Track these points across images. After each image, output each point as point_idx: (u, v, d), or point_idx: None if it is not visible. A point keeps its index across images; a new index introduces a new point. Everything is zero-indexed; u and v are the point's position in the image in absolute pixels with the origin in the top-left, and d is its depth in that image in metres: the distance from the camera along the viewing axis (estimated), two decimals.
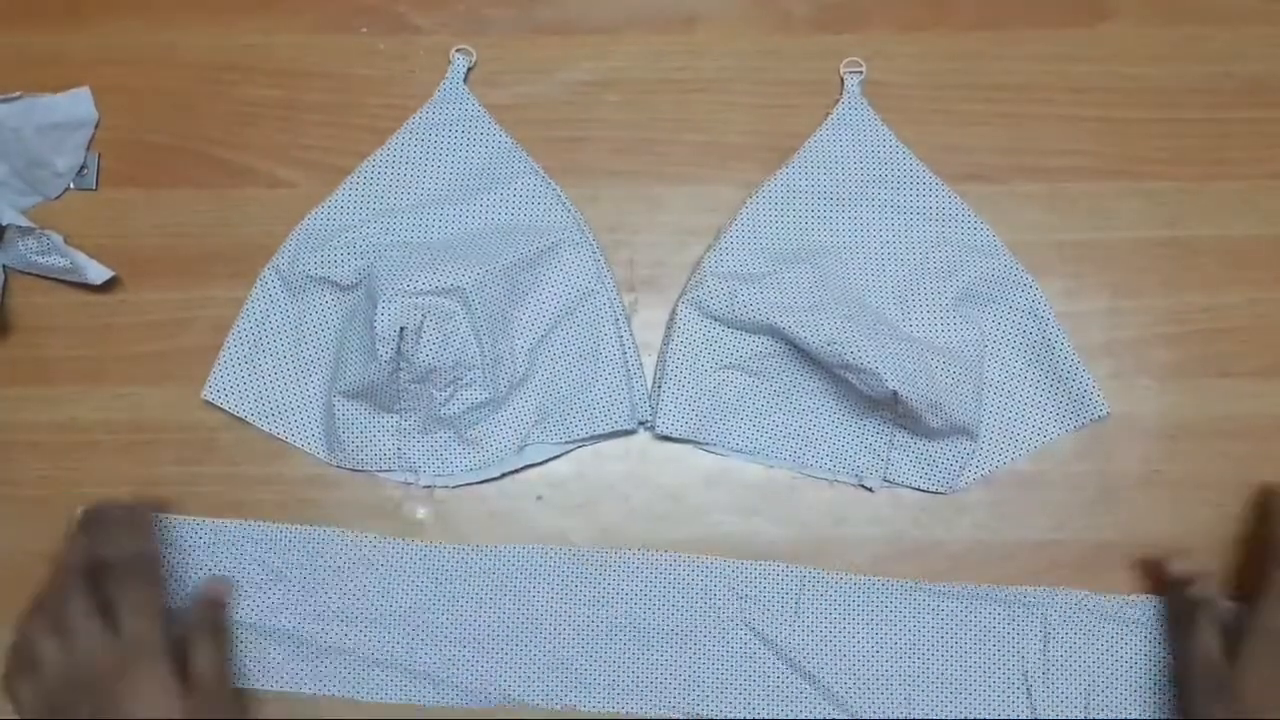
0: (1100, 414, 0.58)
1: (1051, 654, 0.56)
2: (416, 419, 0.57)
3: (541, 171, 0.60)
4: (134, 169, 0.62)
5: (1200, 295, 0.60)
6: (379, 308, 0.54)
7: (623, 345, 0.58)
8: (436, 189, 0.60)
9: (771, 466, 0.58)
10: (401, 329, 0.54)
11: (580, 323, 0.58)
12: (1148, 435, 0.59)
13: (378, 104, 0.62)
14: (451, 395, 0.56)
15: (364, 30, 0.63)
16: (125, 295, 0.60)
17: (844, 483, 0.58)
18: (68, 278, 0.59)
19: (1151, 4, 0.64)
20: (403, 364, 0.54)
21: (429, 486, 0.58)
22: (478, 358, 0.55)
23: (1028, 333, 0.59)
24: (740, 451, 0.58)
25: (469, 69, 0.62)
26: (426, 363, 0.54)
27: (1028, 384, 0.59)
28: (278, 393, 0.58)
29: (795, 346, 0.57)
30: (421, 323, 0.54)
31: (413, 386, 0.55)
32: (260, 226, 0.60)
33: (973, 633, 0.56)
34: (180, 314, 0.60)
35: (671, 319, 0.59)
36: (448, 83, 0.61)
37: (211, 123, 0.62)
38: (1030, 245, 0.60)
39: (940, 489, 0.58)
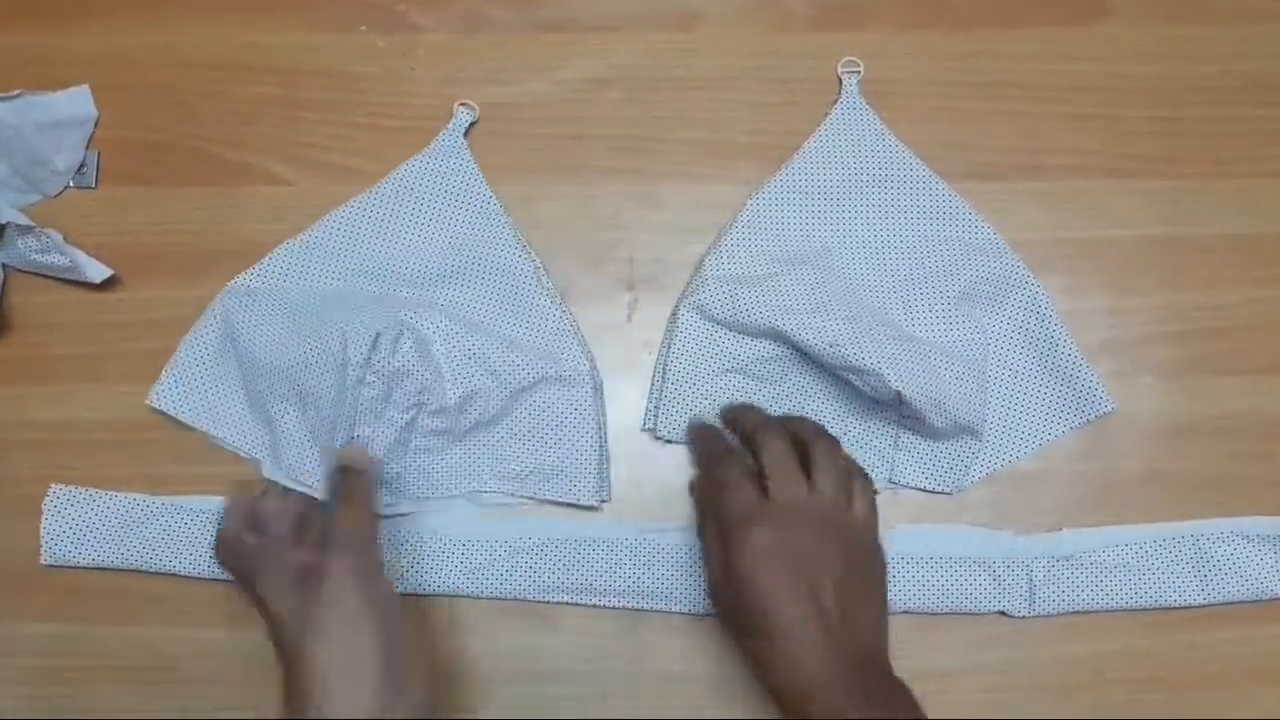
0: (1106, 409, 0.58)
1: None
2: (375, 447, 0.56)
3: (525, 244, 0.59)
4: (133, 167, 0.62)
5: (1201, 293, 0.60)
6: (358, 312, 0.54)
7: (598, 424, 0.57)
8: (416, 242, 0.59)
9: None
10: (377, 334, 0.53)
11: (558, 390, 0.57)
12: (1149, 434, 0.59)
13: (377, 102, 0.62)
14: (412, 420, 0.55)
15: (363, 28, 0.63)
16: (125, 293, 0.60)
17: None
18: (67, 276, 0.59)
19: (1151, 2, 0.64)
20: (369, 376, 0.54)
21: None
22: (447, 389, 0.55)
23: (1030, 331, 0.59)
24: None
25: (471, 124, 0.61)
26: (398, 369, 0.54)
27: (1032, 382, 0.59)
28: (231, 403, 0.58)
29: (798, 349, 0.56)
30: (399, 334, 0.54)
31: (373, 404, 0.54)
32: (259, 224, 0.60)
33: None
34: (179, 312, 0.59)
35: (672, 322, 0.59)
36: (446, 135, 0.60)
37: (211, 121, 0.62)
38: (1030, 243, 0.60)
39: (946, 489, 0.58)
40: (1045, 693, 0.56)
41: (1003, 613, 0.56)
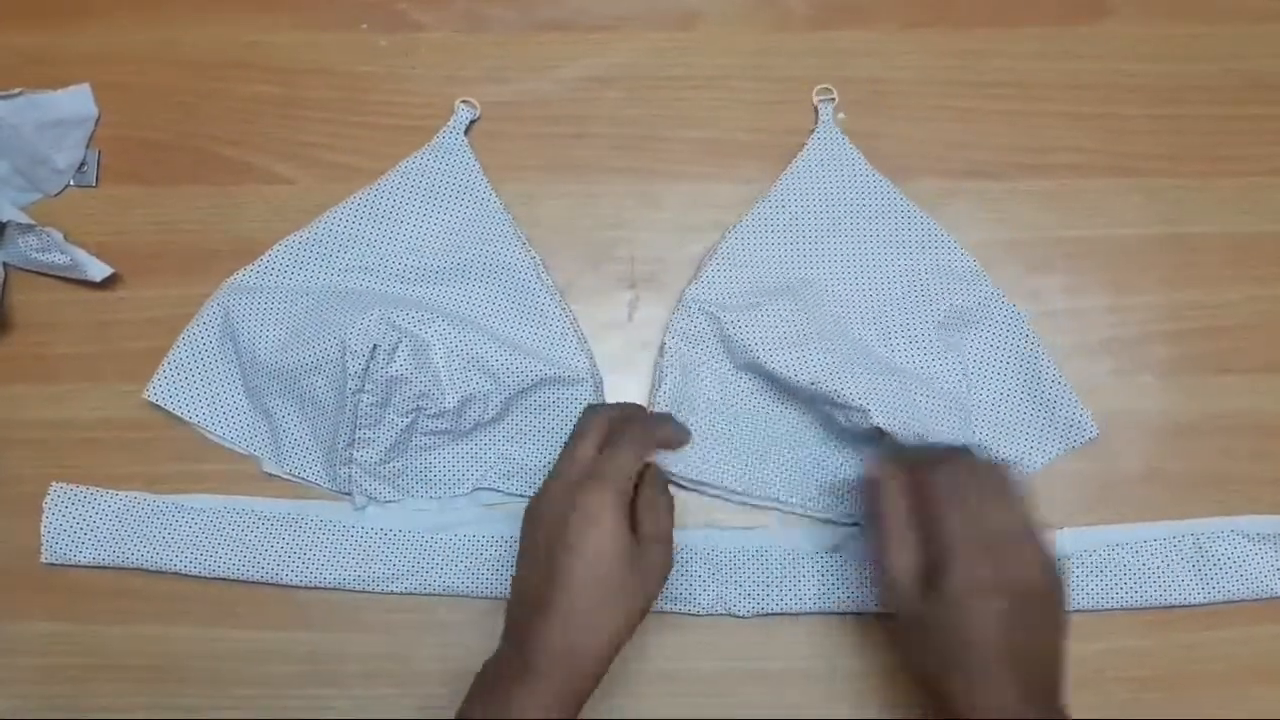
0: (1090, 435, 0.58)
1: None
2: (373, 453, 0.56)
3: (525, 242, 0.59)
4: (134, 166, 0.62)
5: (1201, 292, 0.60)
6: (357, 314, 0.54)
7: None
8: (416, 238, 0.59)
9: (761, 506, 0.58)
10: (375, 346, 0.53)
11: (559, 389, 0.57)
12: (1149, 432, 0.59)
13: (378, 101, 0.62)
14: (412, 422, 0.55)
15: (364, 27, 0.63)
16: (125, 292, 0.60)
17: (838, 523, 0.57)
18: (68, 274, 0.59)
19: (1152, 1, 0.64)
20: (368, 385, 0.54)
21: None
22: (446, 394, 0.55)
23: (1013, 359, 0.58)
24: (734, 492, 0.57)
25: (472, 122, 0.61)
26: (395, 376, 0.54)
27: (1015, 411, 0.58)
28: (230, 399, 0.58)
29: (779, 383, 0.56)
30: (397, 344, 0.54)
31: (372, 410, 0.54)
32: (260, 223, 0.60)
33: None
34: (180, 310, 0.59)
35: (661, 353, 0.58)
36: (447, 132, 0.60)
37: (212, 120, 0.62)
38: (1031, 242, 0.60)
39: None
40: None
41: None
